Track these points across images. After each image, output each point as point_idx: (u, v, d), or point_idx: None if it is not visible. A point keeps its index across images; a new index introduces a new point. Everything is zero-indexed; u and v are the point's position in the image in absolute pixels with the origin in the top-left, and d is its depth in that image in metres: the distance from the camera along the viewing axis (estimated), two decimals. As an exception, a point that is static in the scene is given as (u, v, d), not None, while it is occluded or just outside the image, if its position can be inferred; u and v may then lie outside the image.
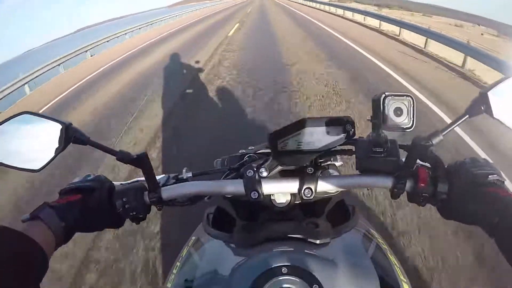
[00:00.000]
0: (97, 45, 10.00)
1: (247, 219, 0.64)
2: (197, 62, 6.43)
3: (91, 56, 9.55)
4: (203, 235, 0.61)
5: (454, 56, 6.00)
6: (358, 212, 0.63)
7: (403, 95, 0.46)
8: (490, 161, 0.47)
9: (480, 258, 1.69)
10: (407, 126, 0.46)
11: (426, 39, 7.14)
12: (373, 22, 11.08)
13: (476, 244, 1.74)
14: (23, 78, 6.62)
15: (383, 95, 0.45)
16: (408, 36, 8.11)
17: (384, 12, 17.60)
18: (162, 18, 16.62)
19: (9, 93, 6.10)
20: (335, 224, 0.59)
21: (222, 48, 7.83)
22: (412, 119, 0.46)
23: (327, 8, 19.00)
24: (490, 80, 4.44)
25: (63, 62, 8.20)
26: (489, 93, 0.44)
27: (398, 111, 0.46)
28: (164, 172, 0.60)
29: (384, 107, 0.46)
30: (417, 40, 7.69)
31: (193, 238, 0.63)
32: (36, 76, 7.11)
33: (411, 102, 0.46)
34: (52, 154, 0.47)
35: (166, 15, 17.87)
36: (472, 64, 5.44)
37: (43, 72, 7.32)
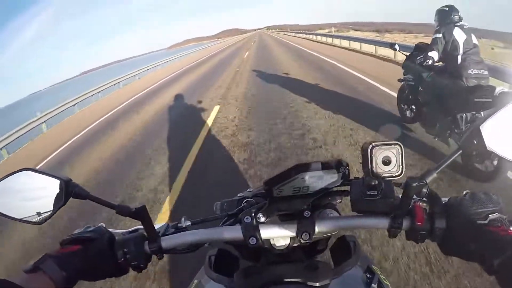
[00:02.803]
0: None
1: (249, 259, 0.66)
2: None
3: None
4: (204, 279, 0.63)
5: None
6: (359, 247, 0.65)
7: (390, 144, 0.48)
8: (492, 195, 0.48)
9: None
10: (396, 174, 0.48)
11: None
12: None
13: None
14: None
15: (370, 146, 0.48)
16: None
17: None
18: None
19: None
20: (337, 259, 0.61)
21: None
22: (401, 166, 0.48)
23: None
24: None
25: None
26: (481, 127, 0.46)
27: (386, 160, 0.48)
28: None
29: (371, 157, 0.48)
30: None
31: (195, 281, 0.65)
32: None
33: (399, 150, 0.48)
34: (54, 208, 0.51)
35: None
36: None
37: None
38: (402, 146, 0.48)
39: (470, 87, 2.77)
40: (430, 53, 3.09)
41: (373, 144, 0.48)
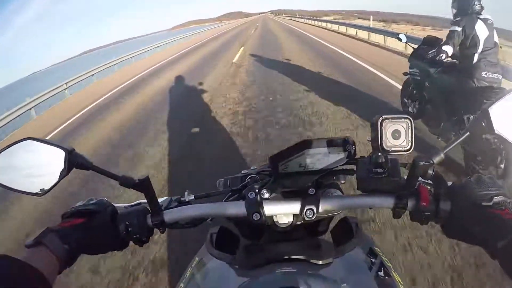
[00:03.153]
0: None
1: (250, 238, 0.66)
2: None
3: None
4: (206, 256, 0.62)
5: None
6: (361, 228, 0.65)
7: (400, 118, 0.48)
8: (496, 179, 0.48)
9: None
10: (405, 149, 0.48)
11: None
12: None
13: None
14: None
15: (381, 118, 0.48)
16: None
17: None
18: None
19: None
20: (338, 241, 0.61)
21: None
22: (410, 141, 0.48)
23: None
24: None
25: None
26: (490, 109, 0.47)
27: (396, 134, 0.48)
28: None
29: (381, 130, 0.48)
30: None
31: (197, 259, 0.65)
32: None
33: (409, 124, 0.48)
34: (56, 179, 0.50)
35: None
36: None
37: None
38: (412, 119, 0.48)
39: (480, 88, 2.59)
40: (444, 47, 2.78)
41: (383, 117, 0.48)
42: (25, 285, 0.40)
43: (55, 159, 0.50)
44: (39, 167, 0.51)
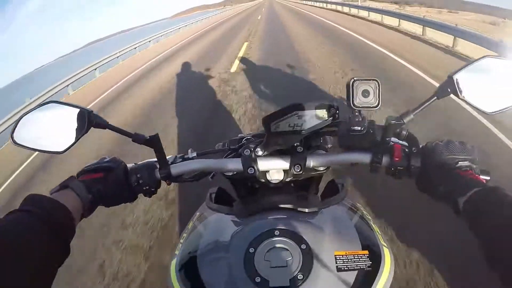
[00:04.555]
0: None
1: (246, 197, 0.73)
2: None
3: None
4: (206, 210, 0.72)
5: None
6: (346, 188, 0.75)
7: (369, 79, 0.56)
8: (467, 144, 0.53)
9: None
10: (373, 105, 0.56)
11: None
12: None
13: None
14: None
15: (352, 80, 0.56)
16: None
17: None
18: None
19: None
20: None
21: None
22: (378, 99, 0.56)
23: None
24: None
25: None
26: (455, 76, 0.53)
27: (365, 93, 0.56)
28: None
29: (353, 89, 0.56)
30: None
31: (198, 213, 0.74)
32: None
33: (377, 85, 0.56)
34: (75, 138, 0.56)
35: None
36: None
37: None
38: (379, 81, 0.55)
39: None
40: None
41: (354, 78, 0.55)
42: (54, 218, 0.44)
43: (75, 120, 0.56)
44: (60, 127, 0.57)
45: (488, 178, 0.52)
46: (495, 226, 0.40)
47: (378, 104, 0.56)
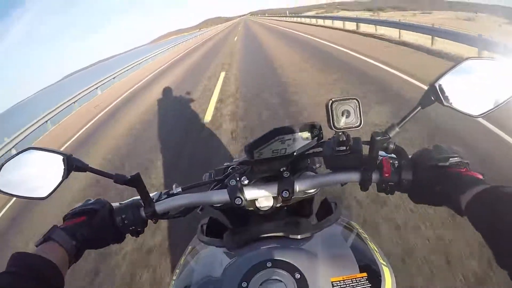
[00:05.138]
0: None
1: (237, 226, 0.72)
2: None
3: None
4: (197, 244, 0.70)
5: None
6: (340, 207, 0.73)
7: (348, 99, 0.55)
8: (454, 147, 0.54)
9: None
10: (355, 125, 0.55)
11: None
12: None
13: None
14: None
15: (331, 101, 0.55)
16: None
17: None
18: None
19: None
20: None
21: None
22: (359, 118, 0.55)
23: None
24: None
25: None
26: (436, 84, 0.53)
27: (346, 113, 0.55)
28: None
29: (332, 111, 0.55)
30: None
31: (190, 247, 0.73)
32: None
33: (357, 104, 0.55)
34: (57, 183, 0.57)
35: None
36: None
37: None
38: (359, 100, 0.55)
39: None
40: None
41: (332, 99, 0.54)
42: (42, 276, 0.45)
43: (55, 164, 0.56)
44: (41, 173, 0.57)
45: (482, 174, 0.50)
46: (503, 224, 0.40)
47: (360, 123, 0.54)
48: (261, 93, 5.84)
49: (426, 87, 0.54)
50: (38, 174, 0.57)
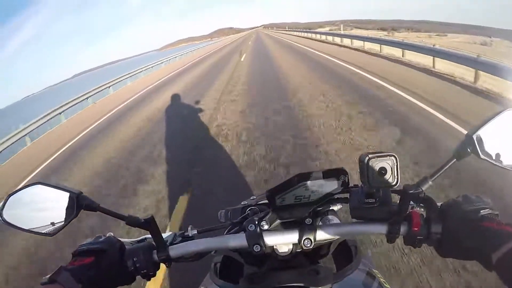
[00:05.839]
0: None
1: (253, 264, 0.70)
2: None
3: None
4: (210, 285, 0.67)
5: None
6: (360, 251, 0.71)
7: (386, 155, 0.52)
8: (482, 197, 0.51)
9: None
10: (392, 184, 0.52)
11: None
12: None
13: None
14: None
15: (367, 157, 0.52)
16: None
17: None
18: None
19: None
20: (339, 264, 0.68)
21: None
22: (396, 177, 0.52)
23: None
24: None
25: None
26: (474, 136, 0.51)
27: (382, 170, 0.52)
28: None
29: (368, 167, 0.52)
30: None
31: None
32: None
33: (394, 161, 0.52)
34: (65, 221, 0.56)
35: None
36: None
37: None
38: (396, 157, 0.52)
39: None
40: None
41: (369, 156, 0.52)
42: None
43: (64, 201, 0.55)
44: (48, 209, 0.56)
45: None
46: None
47: (397, 182, 0.52)
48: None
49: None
50: (46, 210, 0.56)
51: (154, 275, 0.60)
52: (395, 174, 0.51)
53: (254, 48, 24.59)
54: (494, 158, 0.50)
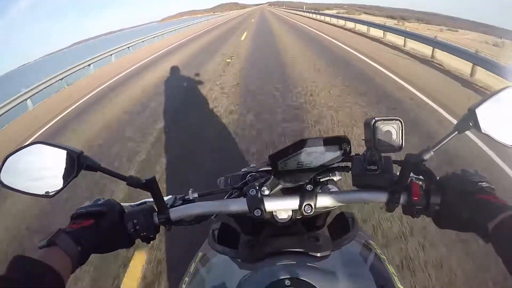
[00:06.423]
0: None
1: (251, 234, 0.71)
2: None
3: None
4: (209, 251, 0.68)
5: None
6: (357, 223, 0.72)
7: (392, 119, 0.53)
8: (480, 172, 0.53)
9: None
10: (397, 147, 0.53)
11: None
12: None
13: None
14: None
15: (374, 120, 0.53)
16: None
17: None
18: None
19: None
20: (335, 236, 0.68)
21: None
22: (401, 140, 0.53)
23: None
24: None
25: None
26: (477, 110, 0.51)
27: (388, 134, 0.53)
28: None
29: (374, 130, 0.53)
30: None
31: (200, 254, 0.71)
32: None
33: (400, 125, 0.53)
34: (65, 181, 0.54)
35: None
36: None
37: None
38: (402, 121, 0.53)
39: None
40: None
41: (376, 118, 0.53)
42: (41, 283, 0.43)
43: (64, 161, 0.54)
44: (48, 169, 0.55)
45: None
46: None
47: (402, 146, 0.53)
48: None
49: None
50: (46, 171, 0.55)
51: (154, 238, 0.59)
52: (400, 138, 0.53)
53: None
54: (494, 133, 0.51)
